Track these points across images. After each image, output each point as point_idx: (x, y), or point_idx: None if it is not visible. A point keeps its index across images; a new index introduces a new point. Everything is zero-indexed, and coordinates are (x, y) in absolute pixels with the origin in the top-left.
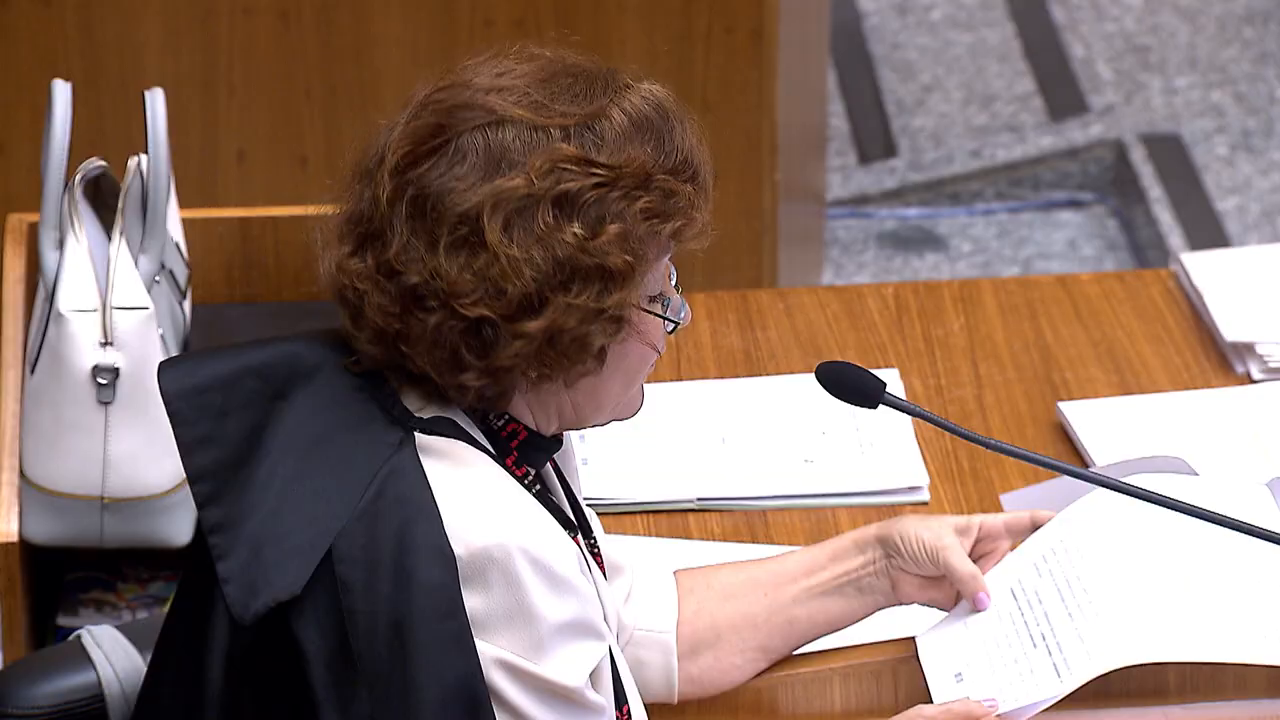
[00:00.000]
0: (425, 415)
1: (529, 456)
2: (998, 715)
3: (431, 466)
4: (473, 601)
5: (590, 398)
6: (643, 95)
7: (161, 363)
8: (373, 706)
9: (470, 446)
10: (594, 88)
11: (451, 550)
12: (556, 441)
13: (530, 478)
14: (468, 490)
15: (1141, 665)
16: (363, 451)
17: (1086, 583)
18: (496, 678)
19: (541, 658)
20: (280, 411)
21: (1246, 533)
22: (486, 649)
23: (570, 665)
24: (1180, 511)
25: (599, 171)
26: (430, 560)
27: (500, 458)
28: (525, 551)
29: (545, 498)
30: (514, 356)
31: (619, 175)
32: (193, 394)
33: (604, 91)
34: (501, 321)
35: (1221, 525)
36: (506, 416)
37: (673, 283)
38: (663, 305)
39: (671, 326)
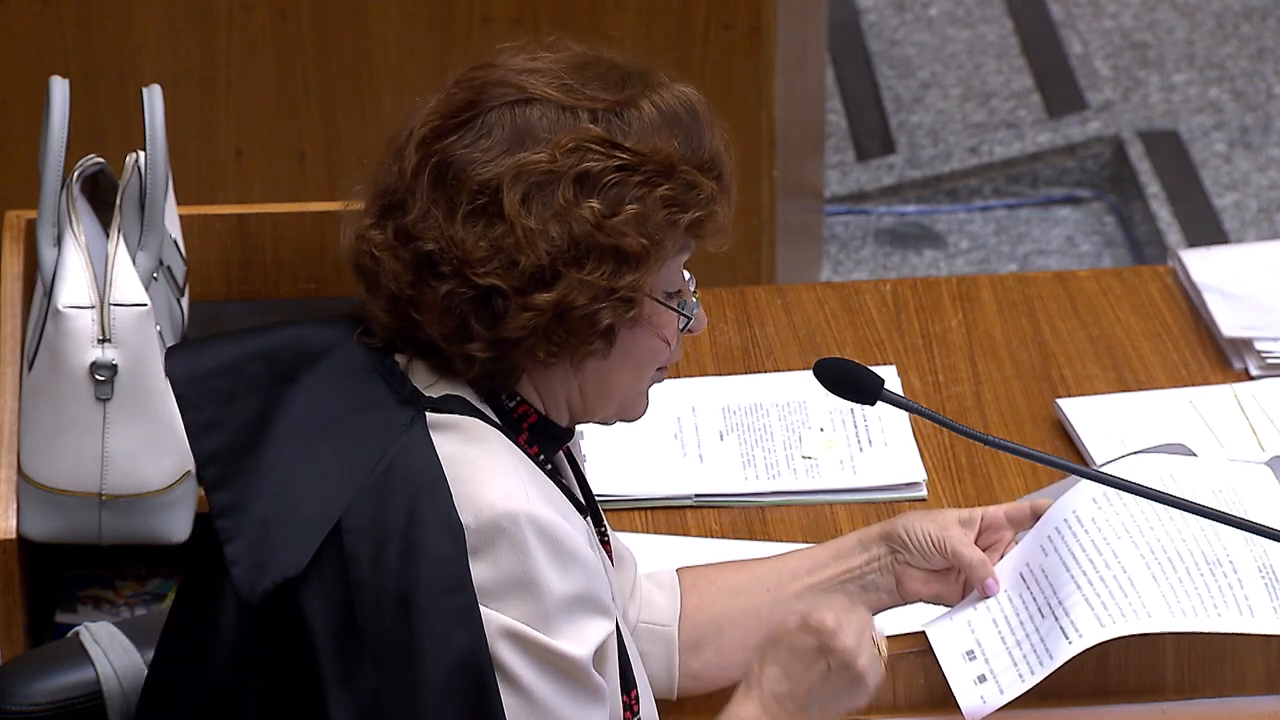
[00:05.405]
0: (435, 394)
1: (540, 441)
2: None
3: (441, 441)
4: (481, 571)
5: (599, 386)
6: (675, 94)
7: (169, 348)
8: (378, 679)
9: (481, 421)
10: (627, 80)
11: (460, 523)
12: (568, 432)
13: (542, 457)
14: (477, 462)
15: (1145, 634)
16: (372, 431)
17: (1091, 554)
18: (502, 649)
19: (548, 628)
20: (288, 395)
21: (1243, 528)
22: (494, 617)
23: (576, 637)
24: (1179, 508)
25: (623, 155)
26: (438, 533)
27: (512, 436)
28: (534, 523)
29: (557, 480)
30: (521, 329)
31: (643, 161)
32: (200, 379)
33: (636, 84)
34: (512, 292)
35: (1219, 520)
36: (518, 398)
37: (691, 288)
38: (679, 305)
39: (684, 323)
